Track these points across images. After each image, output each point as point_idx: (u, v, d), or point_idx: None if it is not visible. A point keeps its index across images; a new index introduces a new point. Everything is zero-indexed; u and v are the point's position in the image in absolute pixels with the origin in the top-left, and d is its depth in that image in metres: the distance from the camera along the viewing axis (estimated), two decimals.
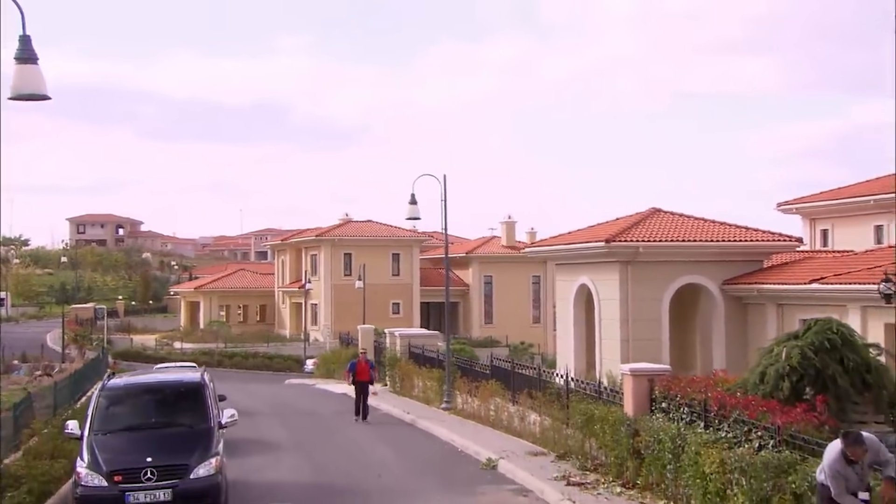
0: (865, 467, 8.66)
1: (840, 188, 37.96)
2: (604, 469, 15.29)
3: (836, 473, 8.57)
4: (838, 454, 8.57)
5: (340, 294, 58.49)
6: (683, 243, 30.76)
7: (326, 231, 61.88)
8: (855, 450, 8.55)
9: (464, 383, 24.76)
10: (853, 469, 8.61)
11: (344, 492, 15.31)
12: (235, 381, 41.17)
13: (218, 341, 57.37)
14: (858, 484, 8.62)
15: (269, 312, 71.36)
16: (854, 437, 8.63)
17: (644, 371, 15.39)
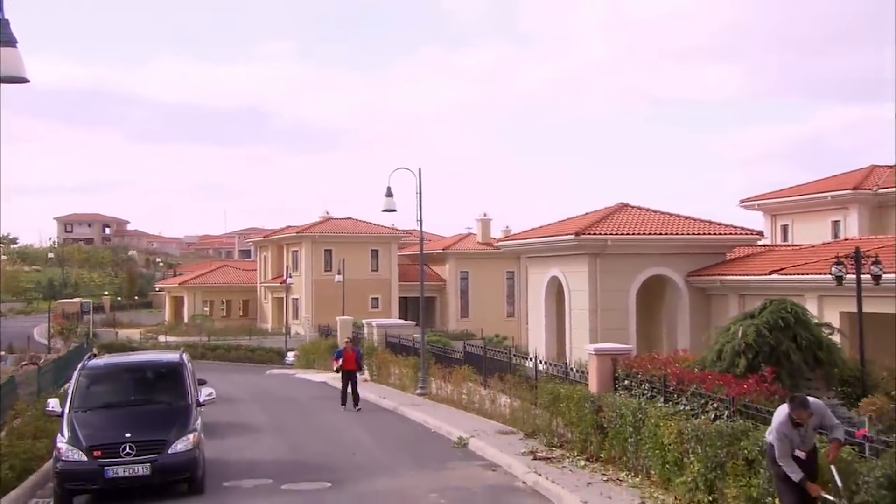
0: (810, 430, 8.80)
1: (799, 185, 38.43)
2: (569, 445, 15.39)
3: (783, 436, 8.70)
4: (785, 417, 8.70)
5: (321, 289, 58.38)
6: (650, 236, 31.03)
7: (307, 228, 61.74)
8: (800, 413, 8.68)
9: (438, 370, 24.82)
10: (798, 432, 8.75)
11: (319, 468, 15.31)
12: (218, 371, 41.05)
13: (201, 334, 57.10)
14: (801, 445, 8.77)
15: (252, 307, 71.12)
16: (800, 401, 8.77)
17: (608, 350, 15.53)
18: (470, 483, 13.77)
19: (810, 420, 8.70)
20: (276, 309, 65.32)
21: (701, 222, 31.96)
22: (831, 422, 8.77)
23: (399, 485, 13.81)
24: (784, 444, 8.65)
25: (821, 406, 8.84)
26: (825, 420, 8.80)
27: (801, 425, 8.68)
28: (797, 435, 8.75)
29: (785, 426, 8.66)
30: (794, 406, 8.65)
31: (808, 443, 8.80)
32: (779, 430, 8.69)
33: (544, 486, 12.97)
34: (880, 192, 34.91)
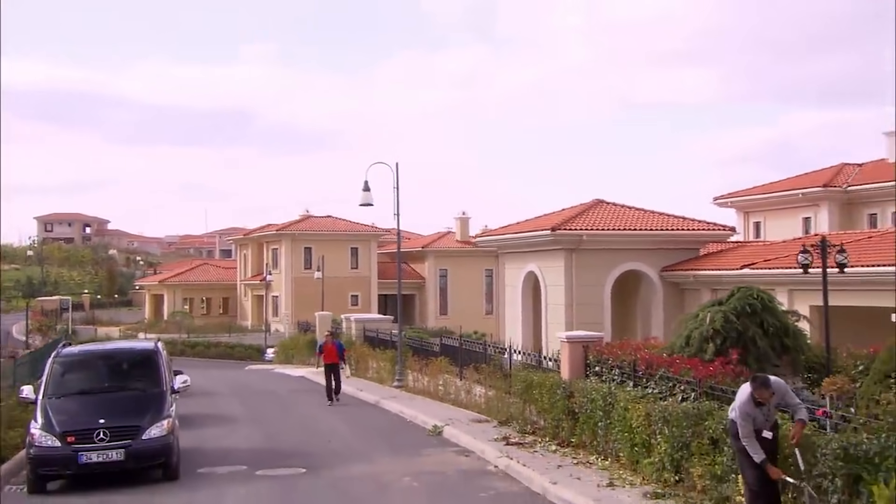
0: (772, 409, 8.91)
1: (771, 183, 38.80)
2: (542, 431, 15.48)
3: (746, 415, 8.80)
4: (748, 397, 8.79)
5: (301, 286, 58.24)
6: (625, 232, 31.25)
7: (287, 226, 61.56)
8: (762, 392, 8.78)
9: (415, 362, 24.84)
10: (761, 410, 8.86)
11: (294, 455, 15.31)
12: (197, 368, 40.80)
13: (181, 332, 56.78)
14: (764, 423, 8.87)
15: (232, 305, 70.81)
16: (761, 381, 8.86)
17: (579, 338, 15.64)
18: (443, 468, 13.82)
19: (772, 399, 8.80)
20: (257, 306, 65.09)
21: (675, 218, 32.22)
22: (793, 400, 8.87)
23: (374, 470, 13.85)
24: (747, 423, 8.74)
25: (782, 385, 8.94)
26: (787, 399, 8.91)
27: (764, 404, 8.77)
28: (760, 414, 8.85)
29: (747, 405, 8.76)
30: (756, 386, 8.74)
31: (770, 420, 8.90)
32: (741, 409, 8.79)
33: (515, 469, 13.06)
34: (850, 190, 35.34)
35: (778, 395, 8.86)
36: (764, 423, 8.86)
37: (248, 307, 67.05)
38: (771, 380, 8.97)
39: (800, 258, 15.09)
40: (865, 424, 8.27)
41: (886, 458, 7.62)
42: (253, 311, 65.75)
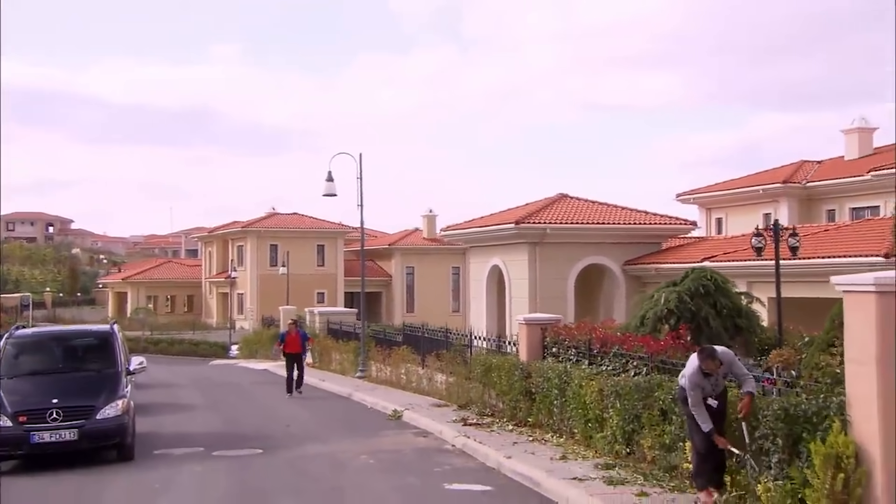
0: (720, 379, 9.08)
1: (733, 180, 39.31)
2: (500, 413, 15.60)
3: (694, 385, 8.96)
4: (696, 368, 8.94)
5: (266, 284, 57.91)
6: (588, 226, 31.54)
7: (252, 223, 61.17)
8: (709, 363, 8.93)
9: (378, 352, 24.86)
10: (709, 381, 9.02)
11: (252, 437, 15.28)
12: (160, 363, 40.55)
13: (144, 329, 56.20)
14: (711, 392, 9.05)
15: (197, 303, 70.20)
16: (708, 352, 9.01)
17: (537, 320, 15.78)
18: (401, 447, 13.90)
19: (720, 370, 8.96)
20: (222, 304, 64.62)
21: (637, 212, 32.56)
22: (740, 371, 9.01)
23: (331, 450, 13.88)
24: (696, 392, 8.90)
25: (729, 355, 9.09)
26: (734, 369, 9.05)
27: (711, 375, 8.94)
28: (708, 384, 9.02)
29: (696, 376, 8.92)
30: (703, 357, 8.90)
31: (717, 389, 9.07)
32: (690, 379, 8.95)
33: (472, 446, 13.16)
34: (809, 186, 35.94)
35: (726, 366, 9.02)
36: (711, 392, 9.04)
37: (214, 305, 66.54)
38: (718, 351, 9.12)
39: (753, 241, 15.39)
40: (806, 387, 8.46)
41: (824, 417, 7.82)
42: (218, 308, 65.26)
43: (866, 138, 36.65)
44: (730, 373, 9.13)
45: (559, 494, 9.94)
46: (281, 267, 52.56)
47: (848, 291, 7.73)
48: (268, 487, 11.19)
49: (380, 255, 62.67)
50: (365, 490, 10.89)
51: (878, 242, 23.36)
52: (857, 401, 7.58)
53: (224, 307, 63.29)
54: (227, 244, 64.45)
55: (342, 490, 10.92)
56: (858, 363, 7.56)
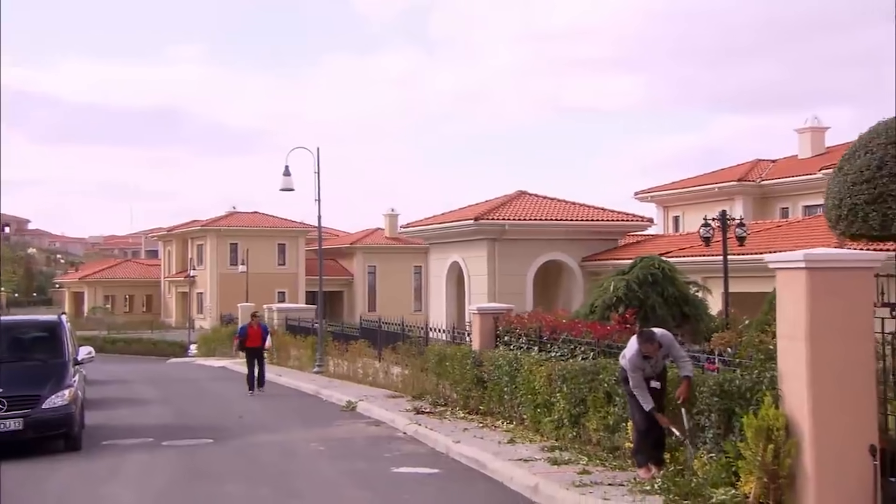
0: (660, 360, 9.27)
1: (689, 178, 39.88)
2: (453, 403, 15.69)
3: (635, 367, 9.14)
4: (636, 351, 9.13)
5: (226, 283, 57.45)
6: (546, 222, 31.81)
7: (212, 222, 60.67)
8: (647, 346, 9.12)
9: (335, 347, 24.84)
10: (649, 363, 9.21)
11: (203, 428, 15.21)
12: (117, 362, 40.12)
13: (101, 329, 55.47)
14: (652, 374, 9.24)
15: (156, 302, 69.43)
16: (647, 336, 9.19)
17: (489, 310, 15.91)
18: (352, 435, 13.95)
19: (659, 352, 9.14)
20: (181, 303, 64.00)
21: (595, 209, 32.91)
22: (679, 353, 9.20)
23: (282, 439, 13.88)
24: (637, 374, 9.08)
25: (668, 337, 9.28)
26: (672, 351, 9.23)
27: (651, 357, 9.12)
28: (648, 366, 9.21)
29: (636, 358, 9.10)
30: (643, 340, 9.08)
31: (657, 370, 9.26)
32: (631, 361, 9.14)
33: (423, 433, 13.25)
34: (763, 184, 36.58)
35: (665, 348, 9.20)
36: (652, 374, 9.23)
37: (173, 304, 65.86)
38: (657, 334, 9.30)
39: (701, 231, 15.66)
40: (741, 364, 8.67)
41: (757, 392, 8.02)
42: (177, 308, 64.61)
43: (818, 138, 37.41)
44: (669, 355, 9.31)
45: (503, 475, 10.06)
46: (241, 265, 52.22)
47: (780, 269, 7.94)
48: (215, 472, 11.18)
49: (342, 254, 62.51)
50: (313, 474, 10.92)
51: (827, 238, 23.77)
52: (787, 375, 7.79)
53: (183, 307, 62.70)
54: (186, 243, 63.85)
55: (290, 474, 10.94)
56: (789, 338, 7.76)
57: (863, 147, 8.00)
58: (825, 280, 7.54)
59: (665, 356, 9.32)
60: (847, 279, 7.58)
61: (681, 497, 8.07)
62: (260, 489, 10.13)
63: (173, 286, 65.76)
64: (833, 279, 7.56)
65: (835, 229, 8.26)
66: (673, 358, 9.29)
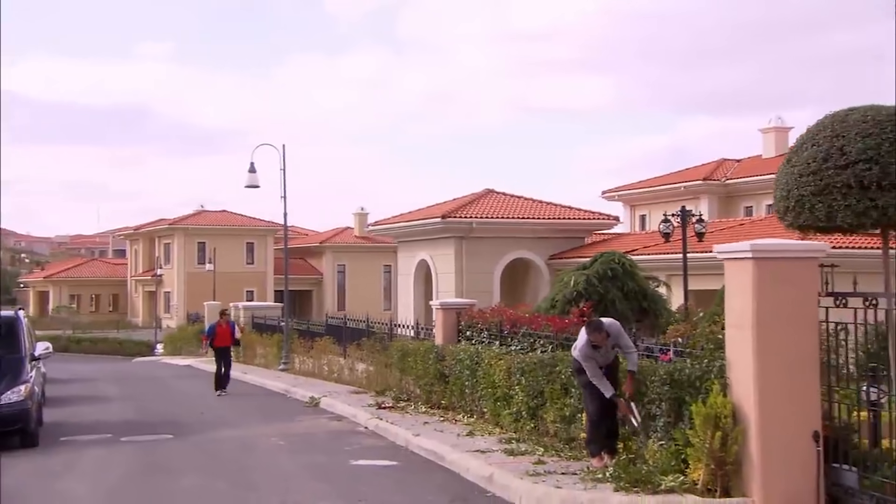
0: (609, 349, 9.40)
1: (655, 178, 40.27)
2: (416, 398, 15.72)
3: (587, 357, 9.27)
4: (586, 341, 9.26)
5: (194, 282, 57.00)
6: (513, 220, 31.98)
7: (180, 220, 60.17)
8: (596, 336, 9.24)
9: (301, 345, 24.77)
10: (599, 352, 9.34)
11: (163, 424, 15.12)
12: (81, 361, 39.71)
13: (66, 328, 54.79)
14: (602, 363, 9.37)
15: (122, 302, 68.71)
16: (595, 325, 9.31)
17: (452, 305, 15.98)
18: (314, 430, 13.94)
19: (608, 341, 9.27)
20: (148, 302, 63.42)
21: (562, 208, 33.13)
22: (626, 343, 9.33)
23: (243, 434, 13.84)
24: (591, 364, 9.20)
25: (616, 326, 9.42)
26: (620, 341, 9.36)
27: (600, 347, 9.24)
28: (599, 355, 9.34)
29: (586, 348, 9.23)
30: (591, 330, 9.21)
31: (608, 359, 9.38)
32: (581, 351, 9.26)
33: (384, 427, 13.28)
34: (728, 183, 37.03)
35: (613, 337, 9.33)
36: (602, 363, 9.36)
37: (140, 303, 65.22)
38: (605, 323, 9.42)
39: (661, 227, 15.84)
40: (691, 354, 8.80)
41: (706, 380, 8.15)
42: (144, 307, 64.00)
43: (782, 137, 37.93)
44: (618, 345, 9.45)
45: (460, 466, 10.13)
46: (208, 264, 51.87)
47: (728, 259, 8.06)
48: (172, 467, 11.13)
49: (311, 253, 62.29)
50: (271, 468, 10.90)
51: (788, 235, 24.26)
52: (735, 364, 7.92)
53: (150, 306, 62.13)
54: (153, 242, 63.28)
55: (248, 468, 10.93)
56: (737, 327, 7.89)
57: (810, 139, 8.13)
58: (771, 270, 7.68)
59: (614, 346, 9.45)
60: (792, 269, 7.72)
61: (631, 484, 8.17)
62: (216, 483, 10.11)
63: (140, 285, 65.13)
64: (779, 269, 7.70)
65: (783, 220, 8.38)
66: (620, 348, 9.42)
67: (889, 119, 7.77)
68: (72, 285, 68.21)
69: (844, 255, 21.88)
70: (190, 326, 39.84)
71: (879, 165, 7.64)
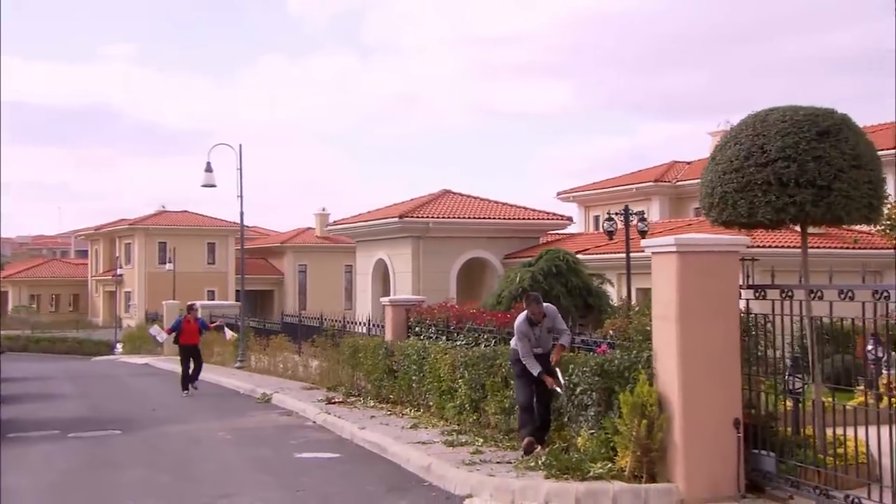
0: (544, 331, 9.64)
1: (608, 179, 40.69)
2: (366, 393, 15.74)
3: (522, 335, 9.50)
4: (524, 317, 9.50)
5: (154, 282, 56.29)
6: (469, 220, 32.13)
7: (140, 220, 59.39)
8: (534, 308, 9.53)
9: (257, 342, 24.67)
10: (534, 331, 9.57)
11: (113, 420, 14.97)
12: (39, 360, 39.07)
13: (25, 328, 53.82)
14: (537, 343, 9.58)
15: (83, 302, 67.64)
16: (534, 298, 9.65)
17: (401, 301, 16.03)
18: (262, 425, 13.91)
19: (544, 321, 9.50)
20: (108, 302, 62.52)
21: (517, 208, 33.36)
22: (561, 326, 9.66)
23: (191, 428, 13.75)
24: (524, 342, 9.45)
25: (553, 310, 9.69)
26: (556, 324, 9.66)
27: (537, 324, 9.47)
28: (533, 334, 9.57)
29: (523, 325, 9.47)
30: (529, 302, 9.49)
31: (543, 344, 9.57)
32: (518, 329, 9.47)
33: (331, 421, 13.30)
34: (679, 185, 37.52)
35: (549, 319, 9.63)
36: (537, 343, 9.57)
37: (100, 303, 64.29)
38: (542, 299, 9.74)
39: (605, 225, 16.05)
40: (621, 345, 8.97)
41: (634, 371, 8.30)
42: (105, 307, 63.08)
43: None
44: (553, 328, 9.69)
45: (401, 457, 10.19)
46: (169, 264, 51.30)
47: (655, 253, 8.23)
48: (118, 460, 11.04)
49: (272, 253, 61.89)
50: (215, 460, 10.87)
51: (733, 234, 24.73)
52: (661, 354, 8.08)
53: (111, 306, 61.27)
54: (114, 242, 62.39)
55: (192, 461, 10.88)
56: (663, 319, 8.06)
57: (733, 138, 8.32)
58: (694, 263, 7.86)
59: (549, 329, 9.69)
60: (714, 262, 7.91)
61: (562, 472, 8.30)
62: (160, 476, 10.04)
63: (101, 285, 64.20)
64: (701, 262, 7.88)
65: (708, 217, 8.58)
66: (555, 330, 9.69)
67: (806, 119, 7.99)
68: (31, 285, 67.05)
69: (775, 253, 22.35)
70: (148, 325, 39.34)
71: (797, 163, 7.85)
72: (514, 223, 32.37)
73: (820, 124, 7.90)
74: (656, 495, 7.69)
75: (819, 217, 7.92)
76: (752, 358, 8.09)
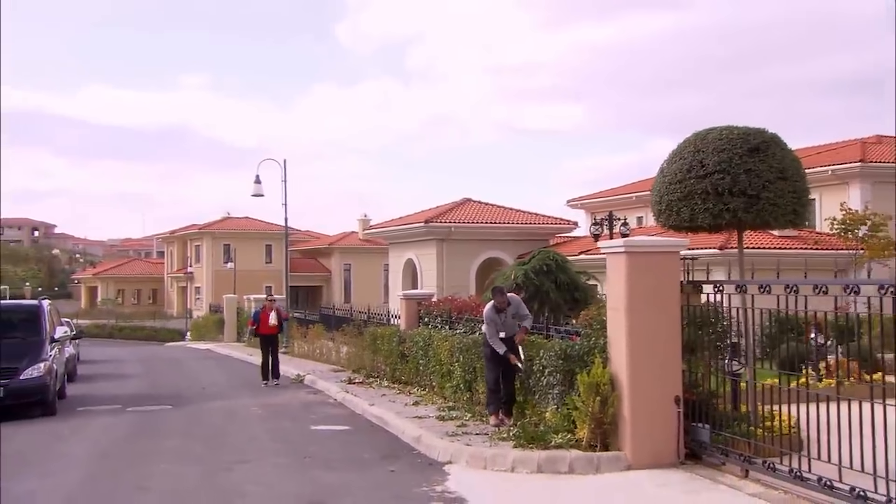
0: (510, 317, 9.79)
1: (613, 188, 40.40)
2: (383, 375, 15.94)
3: (490, 320, 9.69)
4: (491, 305, 9.68)
5: (220, 279, 57.21)
6: (487, 225, 32.23)
7: (208, 225, 60.44)
8: (498, 297, 9.72)
9: (299, 331, 25.02)
10: (500, 317, 9.72)
11: (168, 397, 15.36)
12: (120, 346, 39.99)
13: (111, 318, 55.07)
14: (503, 328, 9.74)
15: (160, 296, 68.99)
16: (498, 289, 9.88)
17: (414, 296, 16.22)
18: (291, 401, 14.17)
19: (508, 309, 9.66)
20: (181, 296, 63.68)
21: (529, 214, 33.37)
22: (524, 312, 9.83)
23: (230, 404, 14.06)
24: (491, 327, 9.63)
25: (516, 299, 9.91)
26: (519, 310, 9.84)
27: (502, 311, 9.63)
28: (499, 320, 9.72)
29: (490, 312, 9.67)
30: (495, 293, 9.69)
31: (508, 329, 9.73)
32: (487, 316, 9.64)
33: (349, 399, 13.50)
34: None
35: (513, 306, 9.80)
36: (502, 327, 9.73)
37: (174, 297, 65.50)
38: (506, 290, 10.09)
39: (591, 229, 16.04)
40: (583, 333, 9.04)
41: (591, 355, 8.38)
42: (178, 300, 64.27)
43: None
44: (517, 314, 9.83)
45: (399, 429, 10.37)
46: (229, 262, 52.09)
47: (608, 253, 8.30)
48: (162, 430, 11.35)
49: (321, 253, 62.51)
50: (243, 431, 11.13)
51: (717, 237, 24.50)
52: (613, 340, 8.15)
53: (183, 299, 62.41)
54: (186, 244, 63.55)
55: (224, 431, 11.16)
56: (615, 310, 8.13)
57: (678, 154, 8.37)
58: (640, 261, 7.91)
59: (514, 315, 9.83)
60: (657, 261, 7.96)
61: (528, 442, 8.40)
62: (193, 443, 10.32)
63: (175, 281, 65.41)
64: (646, 261, 7.93)
65: (658, 221, 8.63)
66: (519, 317, 9.82)
67: (739, 137, 8.02)
68: (117, 281, 68.53)
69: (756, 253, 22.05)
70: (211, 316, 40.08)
71: (731, 175, 7.88)
72: (526, 227, 32.40)
73: (751, 142, 7.93)
74: (606, 462, 7.77)
75: (750, 222, 7.94)
76: (697, 344, 8.12)
